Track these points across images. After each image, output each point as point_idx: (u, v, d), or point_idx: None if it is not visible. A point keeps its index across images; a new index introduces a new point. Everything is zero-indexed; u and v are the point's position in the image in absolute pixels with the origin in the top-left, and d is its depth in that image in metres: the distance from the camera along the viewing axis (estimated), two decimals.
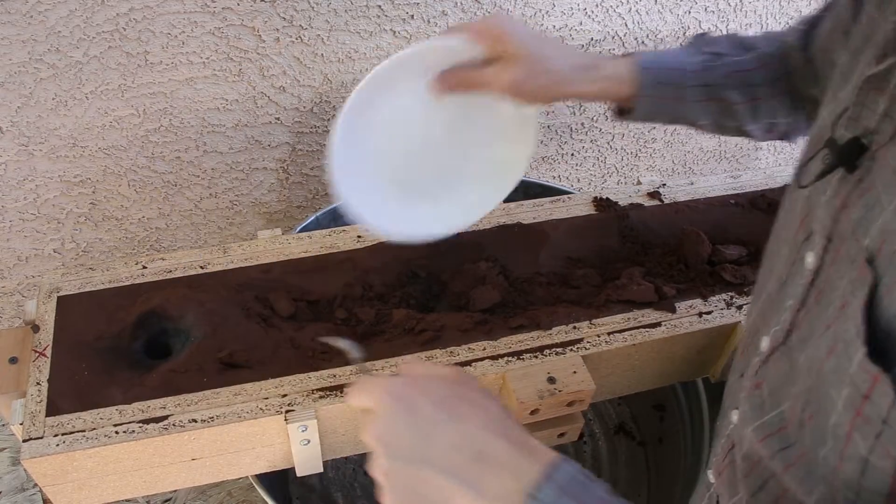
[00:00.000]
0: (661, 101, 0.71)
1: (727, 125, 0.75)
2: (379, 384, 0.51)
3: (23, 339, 0.71)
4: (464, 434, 0.47)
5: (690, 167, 1.53)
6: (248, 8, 0.97)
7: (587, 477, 0.44)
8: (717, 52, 0.73)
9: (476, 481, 0.45)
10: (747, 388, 0.51)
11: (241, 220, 1.24)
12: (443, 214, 0.76)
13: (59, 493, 0.66)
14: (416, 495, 0.47)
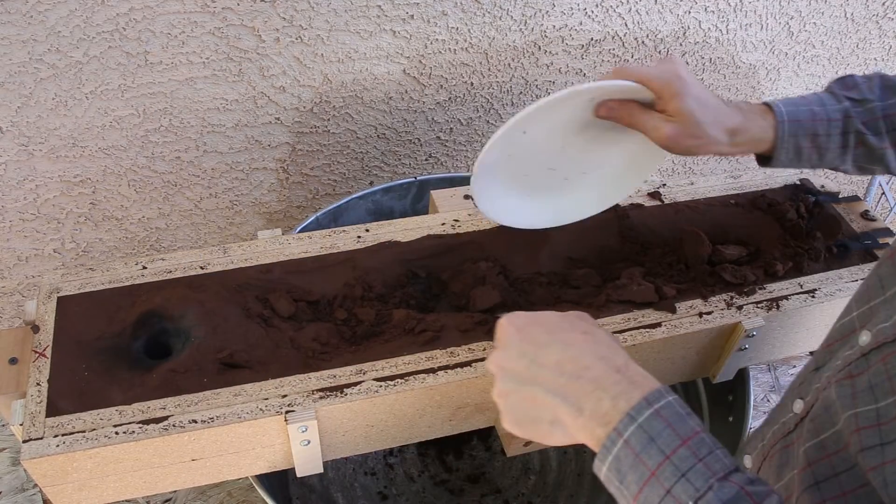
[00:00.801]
0: (799, 152, 0.73)
1: (873, 168, 0.77)
2: (503, 318, 0.56)
3: (23, 340, 0.71)
4: (568, 357, 0.52)
5: (690, 167, 1.53)
6: (248, 8, 0.97)
7: (683, 408, 0.47)
8: (860, 99, 0.74)
9: (576, 399, 0.50)
10: (836, 379, 0.53)
11: (241, 220, 1.24)
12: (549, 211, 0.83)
13: (59, 493, 0.66)
14: (527, 413, 0.53)
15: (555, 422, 0.52)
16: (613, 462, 0.48)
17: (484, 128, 1.26)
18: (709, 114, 0.70)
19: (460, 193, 0.90)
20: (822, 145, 0.73)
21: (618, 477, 0.48)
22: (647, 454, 0.46)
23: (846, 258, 0.86)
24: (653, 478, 0.46)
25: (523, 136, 0.71)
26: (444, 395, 0.71)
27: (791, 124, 0.72)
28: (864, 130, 0.73)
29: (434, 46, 1.11)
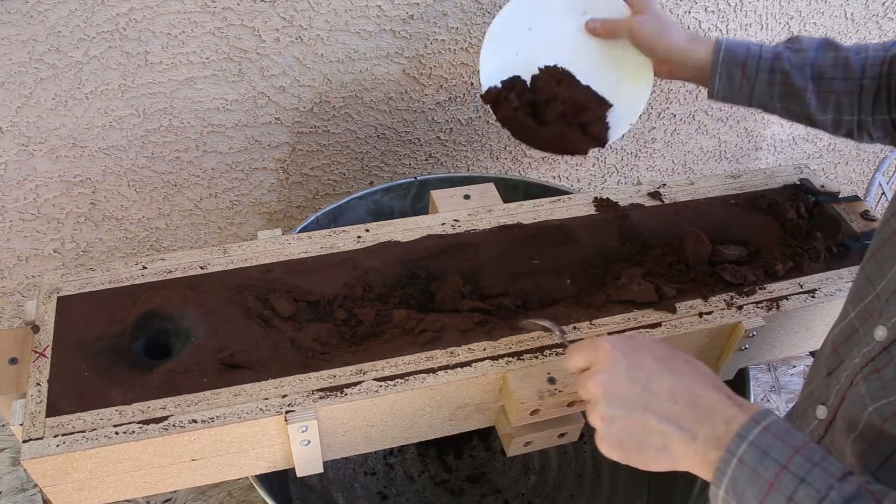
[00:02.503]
0: (731, 78, 0.83)
1: (795, 110, 0.84)
2: (604, 340, 0.57)
3: (23, 340, 0.71)
4: (681, 386, 0.53)
5: (690, 167, 1.53)
6: (248, 8, 0.97)
7: (788, 425, 0.49)
8: (795, 48, 0.83)
9: (690, 426, 0.51)
10: (863, 376, 0.55)
11: (241, 220, 1.24)
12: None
13: (59, 493, 0.66)
14: (633, 439, 0.54)
15: (663, 449, 0.53)
16: (730, 483, 0.49)
17: (484, 128, 1.26)
18: (669, 20, 0.87)
19: (460, 193, 0.90)
20: (751, 76, 0.83)
21: (736, 497, 0.49)
22: (762, 467, 0.48)
23: (846, 258, 0.86)
24: (772, 489, 0.47)
25: (528, 33, 0.90)
26: (444, 395, 0.71)
27: (726, 53, 0.83)
28: (789, 70, 0.82)
29: (434, 46, 1.10)
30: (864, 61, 0.80)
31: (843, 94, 0.81)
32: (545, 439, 0.75)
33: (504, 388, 0.72)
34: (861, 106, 0.81)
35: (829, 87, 0.81)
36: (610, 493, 1.14)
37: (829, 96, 0.82)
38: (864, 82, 0.80)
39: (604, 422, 0.55)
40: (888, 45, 0.81)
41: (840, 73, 0.81)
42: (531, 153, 1.35)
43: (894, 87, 0.79)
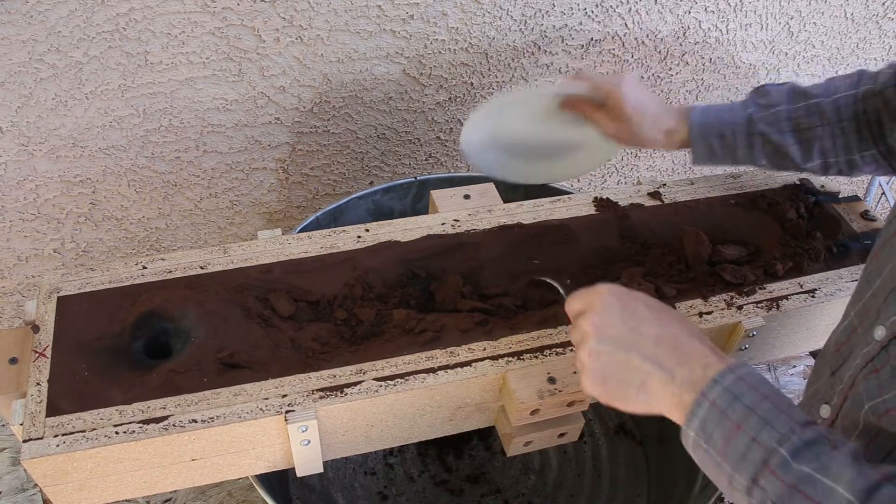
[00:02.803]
0: (711, 149, 0.85)
1: (786, 164, 0.85)
2: (603, 286, 0.61)
3: (23, 340, 0.71)
4: (667, 332, 0.57)
5: (690, 167, 1.52)
6: (248, 8, 0.97)
7: (762, 377, 0.53)
8: (766, 104, 0.84)
9: (670, 368, 0.55)
10: (862, 376, 0.56)
11: (241, 220, 1.24)
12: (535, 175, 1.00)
13: (59, 493, 0.66)
14: (616, 375, 0.57)
15: (642, 387, 0.56)
16: (700, 424, 0.52)
17: None
18: (647, 119, 0.85)
19: (460, 193, 0.90)
20: (730, 144, 0.84)
21: (704, 437, 0.52)
22: (732, 410, 0.51)
23: (846, 258, 0.86)
24: (738, 430, 0.50)
25: (501, 120, 0.91)
26: (444, 395, 0.71)
27: (700, 127, 0.84)
28: (765, 131, 0.83)
29: (434, 46, 1.11)
30: (837, 104, 0.81)
31: (825, 139, 0.82)
32: (545, 439, 0.75)
33: (504, 387, 0.72)
34: (846, 146, 0.82)
35: (809, 136, 0.82)
36: (610, 493, 1.14)
37: (813, 144, 0.82)
38: (843, 125, 0.81)
39: (590, 357, 0.59)
40: (854, 80, 0.81)
41: (816, 121, 0.82)
42: None
43: (873, 121, 0.79)
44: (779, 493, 0.48)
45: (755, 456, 0.49)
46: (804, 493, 0.47)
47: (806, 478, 0.47)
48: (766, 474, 0.48)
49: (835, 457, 0.47)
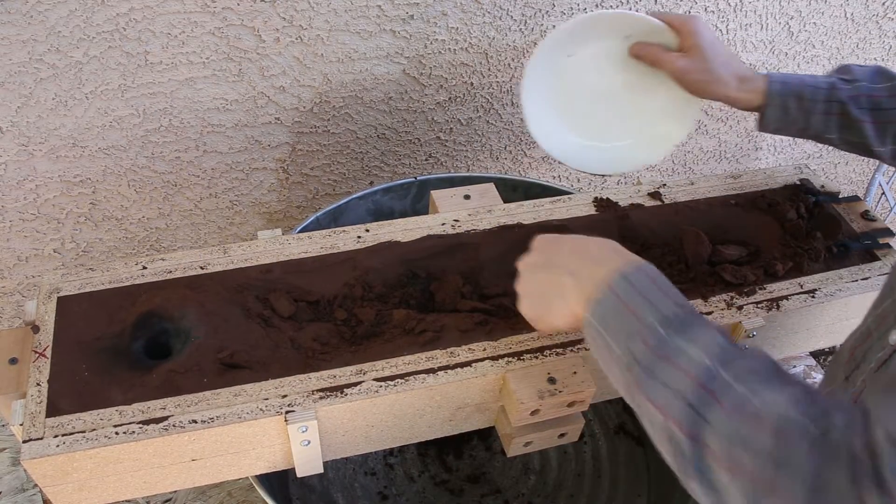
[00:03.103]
0: (786, 109, 0.82)
1: (853, 141, 0.84)
2: (539, 235, 0.67)
3: (23, 340, 0.71)
4: (579, 245, 0.62)
5: (690, 167, 1.52)
6: (248, 8, 0.97)
7: (664, 277, 0.57)
8: (849, 79, 0.83)
9: (578, 270, 0.59)
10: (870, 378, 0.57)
11: (241, 220, 1.24)
12: (596, 156, 0.94)
13: (59, 493, 0.66)
14: (538, 291, 0.64)
15: (561, 295, 0.60)
16: (599, 310, 0.56)
17: (484, 128, 1.26)
18: (719, 57, 0.82)
19: (460, 193, 0.90)
20: (808, 108, 0.82)
21: (602, 324, 0.56)
22: (629, 297, 0.55)
23: (846, 258, 0.86)
24: (631, 314, 0.54)
25: (569, 59, 0.85)
26: (444, 396, 0.71)
27: (780, 85, 0.83)
28: (846, 101, 0.81)
29: (434, 46, 1.11)
30: None
31: None
32: (545, 439, 0.75)
33: (504, 388, 0.72)
34: None
35: (886, 117, 0.80)
36: (610, 493, 1.14)
37: (888, 127, 0.80)
38: None
39: (521, 287, 0.66)
40: None
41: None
42: (531, 153, 1.35)
43: None
44: (647, 357, 0.52)
45: (634, 328, 0.53)
46: (673, 362, 0.51)
47: (676, 349, 0.51)
48: (640, 344, 0.52)
49: (708, 331, 0.52)
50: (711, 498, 0.48)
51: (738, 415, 0.47)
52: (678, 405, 0.49)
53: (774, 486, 0.44)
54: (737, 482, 0.45)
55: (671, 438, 0.50)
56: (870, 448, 0.42)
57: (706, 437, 0.47)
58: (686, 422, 0.48)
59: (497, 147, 1.31)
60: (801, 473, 0.43)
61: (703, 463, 0.47)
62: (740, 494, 0.45)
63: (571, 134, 0.92)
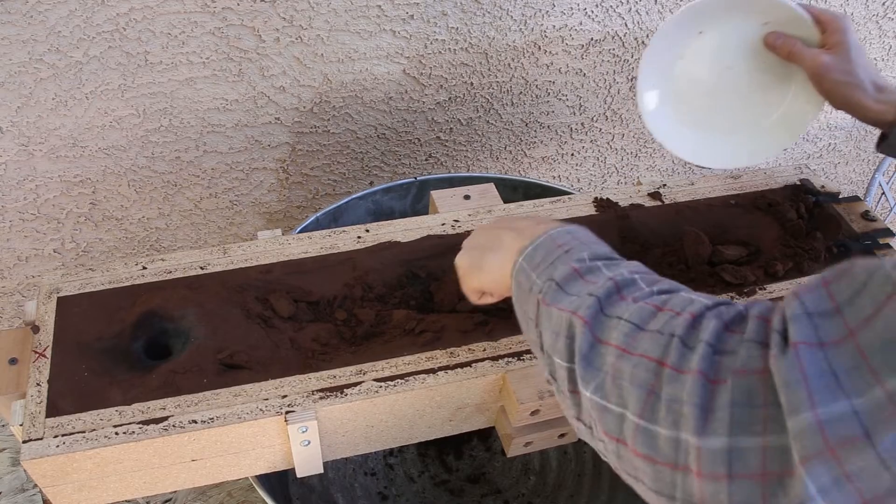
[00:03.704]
0: None
1: None
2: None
3: (23, 340, 0.71)
4: (536, 217, 0.63)
5: (690, 167, 1.53)
6: (248, 8, 0.97)
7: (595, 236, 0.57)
8: None
9: (522, 230, 0.59)
10: None
11: (241, 220, 1.24)
12: (716, 149, 0.89)
13: (58, 493, 0.66)
14: (478, 244, 0.64)
15: (497, 248, 0.61)
16: (530, 252, 0.56)
17: (484, 128, 1.26)
18: (861, 59, 0.78)
19: (460, 193, 0.90)
20: None
21: (529, 261, 0.55)
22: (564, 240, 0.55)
23: (846, 258, 0.86)
24: (561, 250, 0.54)
25: (698, 37, 0.81)
26: (444, 396, 0.71)
27: None
28: None
29: (434, 46, 1.10)
30: None
31: None
32: (545, 440, 0.75)
33: (504, 388, 0.72)
34: None
35: None
36: (610, 494, 1.14)
37: None
38: None
39: (466, 241, 0.67)
40: None
41: None
42: (531, 153, 1.35)
43: None
44: (565, 275, 0.52)
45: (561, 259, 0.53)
46: (583, 277, 0.51)
47: (593, 268, 0.52)
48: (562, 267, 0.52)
49: (620, 264, 0.52)
50: (593, 380, 0.46)
51: (645, 305, 0.47)
52: (585, 301, 0.49)
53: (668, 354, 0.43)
54: (626, 360, 0.44)
55: (568, 331, 0.48)
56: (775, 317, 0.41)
57: (604, 324, 0.47)
58: (588, 311, 0.48)
59: (497, 147, 1.31)
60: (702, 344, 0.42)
61: (594, 350, 0.47)
62: (627, 372, 0.44)
63: (680, 114, 0.88)
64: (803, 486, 0.35)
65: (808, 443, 0.35)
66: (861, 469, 0.34)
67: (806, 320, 0.38)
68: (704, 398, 0.39)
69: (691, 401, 0.40)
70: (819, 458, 0.35)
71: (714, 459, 0.38)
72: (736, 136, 0.89)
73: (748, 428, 0.38)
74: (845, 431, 0.34)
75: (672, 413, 0.41)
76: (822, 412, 0.35)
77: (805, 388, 0.36)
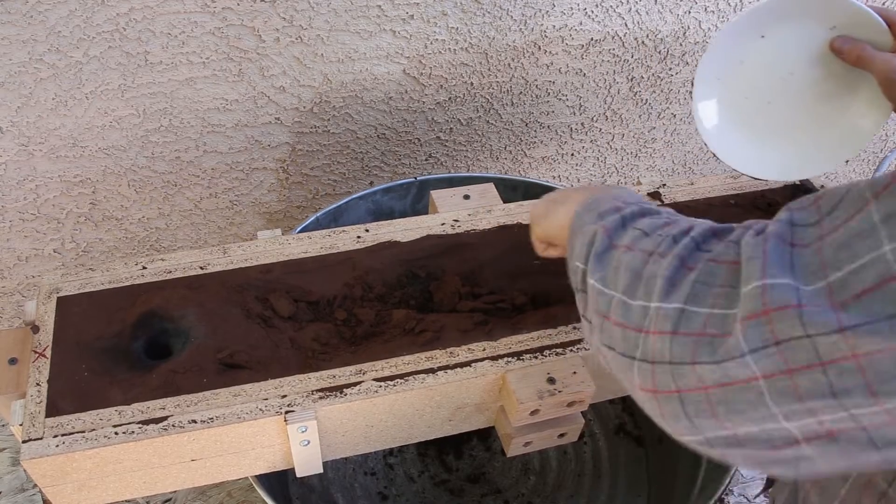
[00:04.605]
0: None
1: None
2: None
3: (23, 340, 0.71)
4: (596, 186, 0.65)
5: (690, 167, 1.52)
6: (248, 8, 0.97)
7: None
8: None
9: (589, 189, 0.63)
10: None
11: (241, 220, 1.24)
12: (772, 159, 0.84)
13: (58, 493, 0.66)
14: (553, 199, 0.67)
15: (566, 202, 0.63)
16: (589, 201, 0.58)
17: (484, 128, 1.26)
18: None
19: (460, 193, 0.90)
20: None
21: (585, 208, 0.58)
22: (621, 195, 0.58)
23: None
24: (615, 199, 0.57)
25: (760, 41, 0.77)
26: (444, 396, 0.71)
27: None
28: None
29: (434, 46, 1.11)
30: None
31: None
32: (545, 439, 0.75)
33: (504, 388, 0.72)
34: None
35: None
36: (610, 494, 1.14)
37: None
38: None
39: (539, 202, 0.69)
40: None
41: None
42: (531, 153, 1.35)
43: None
44: (605, 208, 0.55)
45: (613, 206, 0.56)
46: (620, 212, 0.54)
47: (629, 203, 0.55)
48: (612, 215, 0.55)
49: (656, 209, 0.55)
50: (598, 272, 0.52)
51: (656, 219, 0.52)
52: (612, 217, 0.54)
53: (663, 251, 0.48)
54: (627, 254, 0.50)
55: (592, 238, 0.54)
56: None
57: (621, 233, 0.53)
58: (612, 224, 0.53)
59: (497, 147, 1.31)
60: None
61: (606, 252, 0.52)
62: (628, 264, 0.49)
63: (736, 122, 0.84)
64: (736, 342, 0.40)
65: (749, 305, 0.40)
66: (789, 337, 0.38)
67: (787, 225, 0.42)
68: (674, 274, 0.46)
69: (663, 274, 0.46)
70: (755, 320, 0.39)
71: (666, 318, 0.44)
72: (794, 147, 0.84)
73: (701, 301, 0.43)
74: (783, 300, 0.38)
75: (647, 286, 0.47)
76: (769, 282, 0.39)
77: (761, 263, 0.40)
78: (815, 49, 0.77)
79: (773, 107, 0.82)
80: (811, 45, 0.77)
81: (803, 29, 0.77)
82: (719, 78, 0.80)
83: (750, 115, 0.82)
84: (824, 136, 0.83)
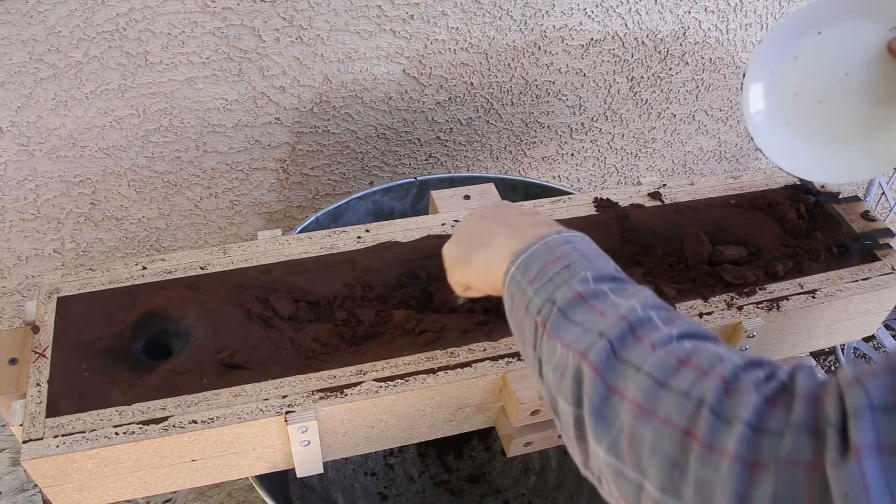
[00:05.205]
0: None
1: None
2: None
3: (23, 340, 0.71)
4: (534, 213, 0.60)
5: (690, 167, 1.52)
6: (248, 8, 0.97)
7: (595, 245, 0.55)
8: None
9: (518, 228, 0.57)
10: None
11: (241, 220, 1.24)
12: (819, 160, 0.82)
13: (58, 493, 0.66)
14: (469, 235, 0.62)
15: (488, 243, 0.59)
16: (524, 259, 0.53)
17: (484, 128, 1.26)
18: None
19: (460, 193, 0.90)
20: None
21: (524, 271, 0.53)
22: (562, 251, 0.52)
23: (846, 258, 0.86)
24: (560, 263, 0.52)
25: (816, 37, 0.75)
26: (444, 396, 0.71)
27: None
28: None
29: (434, 46, 1.10)
30: None
31: None
32: (545, 439, 0.75)
33: (504, 388, 0.72)
34: None
35: None
36: None
37: None
38: None
39: (457, 229, 0.65)
40: None
41: None
42: (531, 153, 1.35)
43: None
44: (568, 299, 0.48)
45: (562, 278, 0.50)
46: (588, 303, 0.48)
47: (598, 293, 0.48)
48: (565, 289, 0.49)
49: (627, 290, 0.49)
50: (606, 436, 0.42)
51: (665, 356, 0.42)
52: (596, 343, 0.44)
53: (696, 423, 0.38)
54: (645, 422, 0.40)
55: (575, 374, 0.44)
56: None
57: (618, 371, 0.42)
58: (599, 356, 0.43)
59: (497, 147, 1.31)
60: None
61: (606, 402, 0.42)
62: (648, 433, 0.40)
63: (786, 120, 0.82)
64: None
65: None
66: None
67: (869, 417, 0.34)
68: (742, 487, 0.35)
69: (726, 488, 0.36)
70: None
71: None
72: (843, 150, 0.82)
73: None
74: None
75: (702, 497, 0.37)
76: None
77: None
78: (871, 50, 0.75)
79: (824, 106, 0.80)
80: (868, 45, 0.75)
81: (862, 27, 0.75)
82: (772, 72, 0.78)
83: (799, 112, 0.80)
84: (877, 141, 0.81)
